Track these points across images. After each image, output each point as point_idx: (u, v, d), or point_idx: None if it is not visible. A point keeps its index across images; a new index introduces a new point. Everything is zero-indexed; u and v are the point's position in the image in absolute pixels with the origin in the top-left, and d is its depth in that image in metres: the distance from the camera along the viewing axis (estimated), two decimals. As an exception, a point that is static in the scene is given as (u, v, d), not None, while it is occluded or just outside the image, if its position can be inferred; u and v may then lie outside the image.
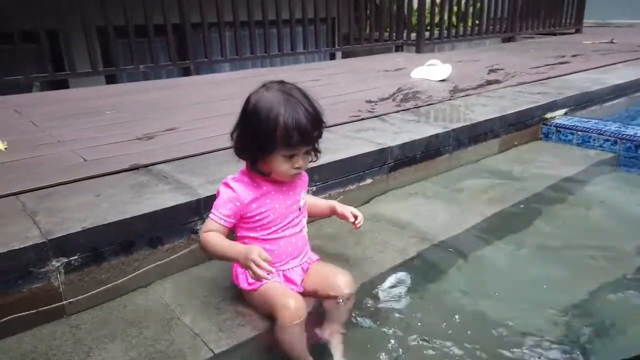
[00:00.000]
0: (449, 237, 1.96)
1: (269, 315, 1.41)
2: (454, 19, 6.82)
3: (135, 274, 1.60)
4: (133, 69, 4.40)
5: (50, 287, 1.44)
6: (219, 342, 1.38)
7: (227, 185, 1.45)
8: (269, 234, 1.48)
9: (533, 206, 2.27)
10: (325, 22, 6.39)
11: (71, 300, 1.48)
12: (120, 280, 1.57)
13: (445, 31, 6.61)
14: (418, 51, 6.28)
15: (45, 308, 1.44)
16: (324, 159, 2.07)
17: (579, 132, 3.11)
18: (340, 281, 1.51)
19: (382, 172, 2.29)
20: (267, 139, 1.34)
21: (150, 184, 1.84)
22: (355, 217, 1.63)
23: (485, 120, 2.80)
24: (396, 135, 2.46)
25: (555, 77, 4.21)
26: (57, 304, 1.46)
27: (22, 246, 1.38)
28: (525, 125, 3.12)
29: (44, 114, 3.06)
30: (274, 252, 1.49)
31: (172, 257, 1.68)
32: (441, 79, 4.04)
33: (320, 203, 1.73)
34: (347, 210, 1.65)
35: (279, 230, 1.49)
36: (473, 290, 1.66)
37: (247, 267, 1.32)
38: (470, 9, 6.95)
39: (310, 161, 1.50)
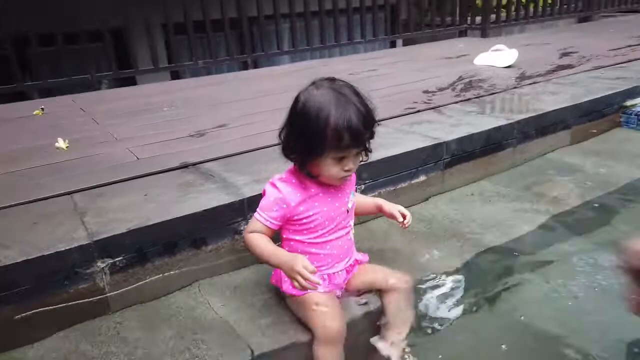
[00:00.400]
0: (509, 240, 1.81)
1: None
2: (523, -2, 6.38)
3: (179, 274, 1.59)
4: (192, 64, 4.47)
5: (95, 288, 1.46)
6: (261, 346, 1.34)
7: (274, 185, 1.39)
8: (315, 237, 1.42)
9: (608, 206, 2.05)
10: (384, 9, 6.19)
11: (116, 300, 1.50)
12: (164, 281, 1.57)
13: (514, 13, 6.22)
14: (483, 36, 5.96)
15: (91, 307, 1.46)
16: (374, 155, 1.97)
17: (665, 121, 2.80)
18: (393, 278, 1.48)
19: (437, 169, 2.16)
20: (316, 140, 1.26)
21: (196, 183, 1.83)
22: (404, 217, 1.53)
23: (554, 110, 2.58)
24: (453, 128, 2.31)
25: (637, 59, 3.82)
26: (102, 304, 1.48)
27: (68, 247, 1.40)
28: (601, 115, 2.85)
29: (106, 111, 3.16)
30: (320, 256, 1.43)
31: (215, 258, 1.66)
32: (507, 65, 3.79)
33: (367, 201, 1.65)
34: (395, 209, 1.55)
35: (326, 234, 1.43)
36: (532, 303, 1.51)
37: (292, 278, 1.27)
38: (542, -13, 6.48)
39: (361, 162, 1.42)
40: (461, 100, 2.83)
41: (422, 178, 2.12)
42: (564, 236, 1.86)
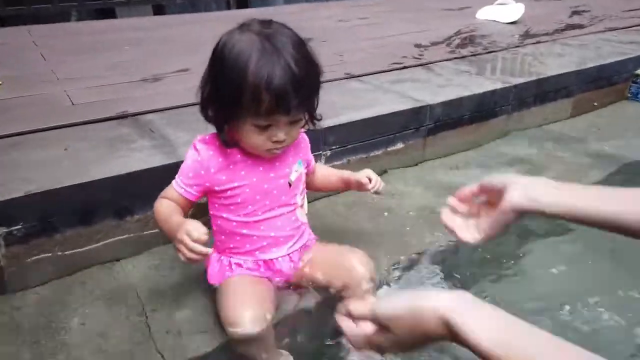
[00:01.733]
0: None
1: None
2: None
3: (96, 249, 1.34)
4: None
5: (-12, 261, 1.22)
6: (174, 351, 1.11)
7: (194, 147, 1.12)
8: (245, 214, 1.15)
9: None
10: None
11: (16, 276, 1.25)
12: (78, 257, 1.32)
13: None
14: (490, -12, 5.50)
15: (-18, 284, 1.22)
16: (344, 117, 1.71)
17: (679, 94, 2.51)
18: (356, 265, 1.17)
19: (418, 136, 1.88)
20: (230, 98, 0.98)
21: (129, 139, 1.55)
22: (370, 181, 1.26)
23: (556, 75, 2.28)
24: (441, 89, 2.01)
25: (655, 23, 3.48)
26: (-3, 281, 1.24)
27: (-54, 213, 1.14)
28: (608, 83, 2.55)
29: (61, 47, 2.82)
30: (252, 238, 1.17)
31: (143, 231, 1.41)
32: (511, 21, 3.43)
33: (330, 174, 1.36)
34: (362, 174, 1.27)
35: (259, 212, 1.15)
36: (510, 293, 1.29)
37: (177, 249, 1.01)
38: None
39: (307, 129, 1.14)
40: (455, 58, 2.51)
41: (400, 146, 1.85)
42: (556, 222, 1.61)
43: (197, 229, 0.98)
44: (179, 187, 1.11)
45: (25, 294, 1.26)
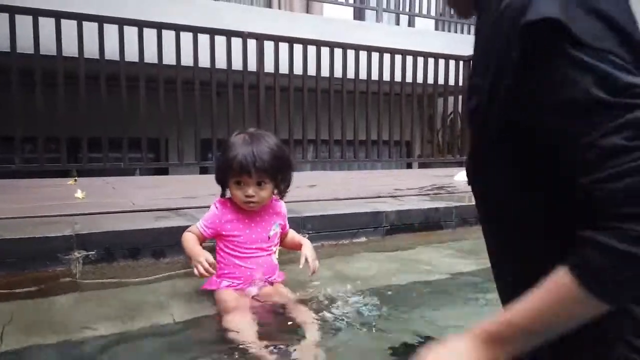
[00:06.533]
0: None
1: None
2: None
3: (138, 277, 1.99)
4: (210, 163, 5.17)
5: (69, 272, 1.87)
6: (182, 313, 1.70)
7: (215, 204, 1.85)
8: (239, 251, 1.82)
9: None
10: (399, 144, 6.66)
11: (84, 283, 1.89)
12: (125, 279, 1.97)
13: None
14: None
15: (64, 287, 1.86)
16: (318, 212, 2.41)
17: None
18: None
19: (377, 234, 2.54)
20: (224, 167, 1.75)
21: (170, 217, 2.29)
22: (307, 260, 1.87)
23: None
24: (399, 206, 2.72)
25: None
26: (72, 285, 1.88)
27: (54, 235, 1.86)
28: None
29: (127, 187, 3.77)
30: (241, 268, 1.81)
31: (171, 271, 2.05)
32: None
33: (295, 238, 2.04)
34: (304, 253, 1.88)
35: (248, 251, 1.82)
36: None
37: (194, 265, 1.68)
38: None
39: (280, 198, 1.86)
40: (421, 194, 3.26)
41: (363, 239, 2.50)
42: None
43: (211, 257, 1.68)
44: (200, 227, 1.81)
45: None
